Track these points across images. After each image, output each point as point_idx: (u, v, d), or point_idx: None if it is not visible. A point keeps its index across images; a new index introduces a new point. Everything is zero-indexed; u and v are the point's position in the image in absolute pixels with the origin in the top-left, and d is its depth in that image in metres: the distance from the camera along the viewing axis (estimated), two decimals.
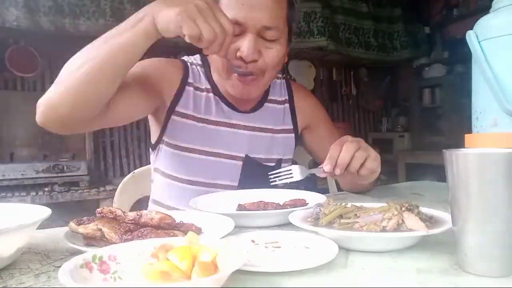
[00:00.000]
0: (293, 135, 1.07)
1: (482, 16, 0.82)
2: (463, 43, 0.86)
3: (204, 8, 0.69)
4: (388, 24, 3.78)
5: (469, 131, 0.84)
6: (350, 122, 3.97)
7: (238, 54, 0.86)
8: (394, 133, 3.89)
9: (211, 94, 1.00)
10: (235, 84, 0.91)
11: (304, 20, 3.29)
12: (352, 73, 3.99)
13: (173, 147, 0.97)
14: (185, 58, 1.05)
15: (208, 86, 1.00)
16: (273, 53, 0.89)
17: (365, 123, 4.16)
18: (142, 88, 0.89)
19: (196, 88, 0.99)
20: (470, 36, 0.81)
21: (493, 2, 0.82)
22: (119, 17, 2.57)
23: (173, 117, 0.96)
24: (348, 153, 0.75)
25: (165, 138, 0.98)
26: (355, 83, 4.01)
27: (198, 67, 1.02)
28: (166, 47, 2.87)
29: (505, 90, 0.76)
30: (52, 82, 0.77)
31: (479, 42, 0.80)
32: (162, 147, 0.99)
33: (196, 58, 1.05)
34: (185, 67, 1.00)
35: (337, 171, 0.76)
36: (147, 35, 0.72)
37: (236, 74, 0.89)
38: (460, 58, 3.28)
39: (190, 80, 0.99)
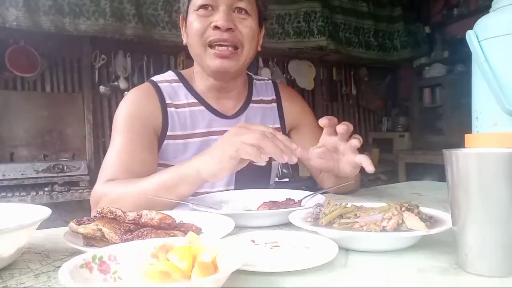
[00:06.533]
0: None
1: (482, 16, 0.82)
2: (463, 43, 0.86)
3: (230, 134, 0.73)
4: (388, 24, 3.78)
5: (469, 131, 0.84)
6: (350, 122, 3.93)
7: (213, 24, 0.90)
8: (394, 133, 3.89)
9: (195, 108, 1.00)
10: (212, 56, 0.92)
11: (304, 19, 3.30)
12: (352, 73, 3.99)
13: (165, 167, 0.98)
14: (155, 78, 1.04)
15: (191, 100, 1.01)
16: (247, 24, 0.93)
17: (365, 123, 4.16)
18: (151, 143, 0.95)
19: (177, 106, 0.99)
20: (470, 36, 0.81)
21: (493, 2, 0.82)
22: (119, 16, 2.57)
23: (165, 141, 0.98)
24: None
25: (159, 161, 0.99)
26: (355, 83, 4.01)
27: (174, 83, 1.02)
28: (166, 47, 2.89)
29: (505, 90, 0.76)
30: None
31: (479, 42, 0.80)
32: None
33: (170, 75, 1.05)
34: (157, 89, 1.00)
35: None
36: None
37: (213, 50, 0.91)
38: (460, 58, 3.29)
39: (168, 101, 0.99)
